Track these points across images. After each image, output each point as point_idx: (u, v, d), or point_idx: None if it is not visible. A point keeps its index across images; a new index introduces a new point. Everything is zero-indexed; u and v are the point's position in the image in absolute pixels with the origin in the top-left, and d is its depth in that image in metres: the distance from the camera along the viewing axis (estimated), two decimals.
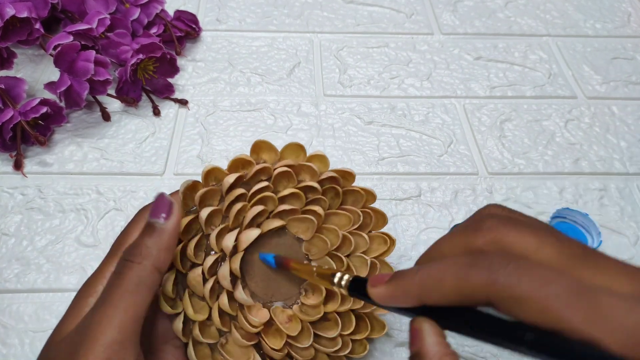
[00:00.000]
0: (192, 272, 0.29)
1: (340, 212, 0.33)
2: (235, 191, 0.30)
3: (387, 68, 0.55)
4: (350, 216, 0.33)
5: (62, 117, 0.46)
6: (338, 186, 0.33)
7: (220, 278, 0.29)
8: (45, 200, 0.42)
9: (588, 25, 0.62)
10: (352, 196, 0.34)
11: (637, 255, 0.42)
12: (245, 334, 0.30)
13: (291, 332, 0.30)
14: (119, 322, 0.24)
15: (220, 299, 0.29)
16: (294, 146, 0.33)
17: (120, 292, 0.25)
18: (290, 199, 0.32)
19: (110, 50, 0.49)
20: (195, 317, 0.28)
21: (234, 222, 0.30)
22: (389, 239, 0.34)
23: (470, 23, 0.61)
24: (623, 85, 0.55)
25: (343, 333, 0.31)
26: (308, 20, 0.60)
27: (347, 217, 0.33)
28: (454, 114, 0.51)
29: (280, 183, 0.32)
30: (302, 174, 0.32)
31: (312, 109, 0.51)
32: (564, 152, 0.49)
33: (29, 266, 0.39)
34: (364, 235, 0.33)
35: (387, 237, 0.34)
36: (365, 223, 0.34)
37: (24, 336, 0.35)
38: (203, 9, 0.60)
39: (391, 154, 0.47)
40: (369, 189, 0.34)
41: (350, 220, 0.33)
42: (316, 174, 0.32)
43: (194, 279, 0.29)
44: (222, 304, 0.29)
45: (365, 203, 0.34)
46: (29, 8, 0.44)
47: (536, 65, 0.57)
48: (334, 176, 0.32)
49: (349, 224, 0.33)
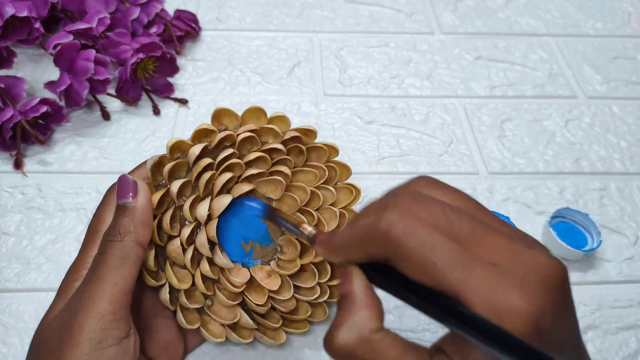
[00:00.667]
0: (170, 244, 0.30)
1: (306, 169, 0.35)
2: (202, 161, 0.31)
3: (388, 68, 0.55)
4: (316, 172, 0.35)
5: (62, 117, 0.46)
6: (301, 144, 0.35)
7: (198, 246, 0.30)
8: (45, 199, 0.42)
9: (588, 25, 0.62)
10: (315, 152, 0.36)
11: (637, 255, 0.42)
12: (229, 294, 0.31)
13: (272, 286, 0.32)
14: (109, 294, 0.25)
15: (202, 266, 0.31)
16: (254, 110, 0.34)
17: (107, 267, 0.26)
18: (257, 162, 0.33)
19: (110, 49, 0.49)
20: (180, 285, 0.30)
21: (205, 191, 0.31)
22: (354, 189, 0.36)
23: (471, 22, 0.61)
24: (623, 85, 0.55)
25: (320, 281, 0.34)
26: (308, 19, 0.60)
27: (313, 173, 0.35)
28: (454, 113, 0.51)
29: (245, 147, 0.33)
30: (265, 136, 0.34)
31: (312, 109, 0.51)
32: (564, 152, 0.49)
33: (29, 265, 0.39)
34: (330, 188, 0.35)
35: (352, 187, 0.36)
36: (331, 176, 0.36)
37: (24, 335, 0.35)
38: (203, 9, 0.60)
39: (391, 154, 0.47)
40: (331, 144, 0.36)
41: (317, 176, 0.35)
42: (279, 135, 0.34)
43: (173, 251, 0.30)
44: (204, 270, 0.30)
45: (329, 157, 0.36)
46: (28, 7, 0.44)
47: (536, 65, 0.57)
48: (297, 135, 0.34)
49: (315, 180, 0.35)
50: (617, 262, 0.41)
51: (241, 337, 0.32)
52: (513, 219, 0.43)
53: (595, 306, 0.39)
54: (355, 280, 0.23)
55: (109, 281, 0.25)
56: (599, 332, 0.38)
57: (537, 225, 0.43)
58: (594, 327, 0.38)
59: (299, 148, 0.35)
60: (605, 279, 0.40)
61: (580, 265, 0.41)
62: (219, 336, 0.31)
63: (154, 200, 0.29)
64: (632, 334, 0.38)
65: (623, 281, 0.40)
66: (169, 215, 0.30)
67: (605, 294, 0.40)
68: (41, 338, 0.26)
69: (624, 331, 0.38)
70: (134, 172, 0.31)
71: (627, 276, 0.41)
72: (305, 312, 0.34)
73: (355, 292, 0.22)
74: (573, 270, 0.41)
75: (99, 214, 0.29)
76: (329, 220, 0.35)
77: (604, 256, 0.42)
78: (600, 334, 0.38)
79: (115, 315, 0.25)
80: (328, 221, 0.35)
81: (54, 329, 0.25)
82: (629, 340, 0.37)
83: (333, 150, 0.36)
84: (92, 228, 0.29)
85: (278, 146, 0.33)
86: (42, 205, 0.42)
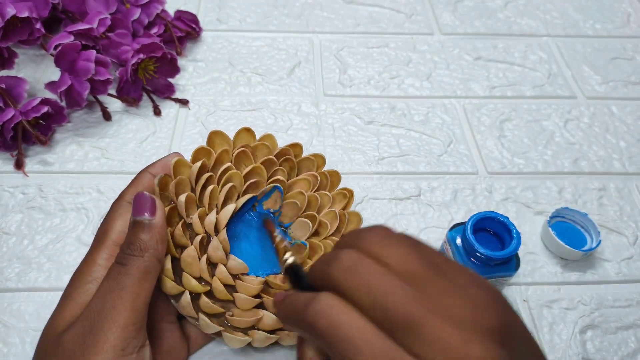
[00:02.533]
0: (184, 253, 0.31)
1: (299, 178, 0.37)
2: (204, 176, 0.33)
3: (387, 68, 0.55)
4: (309, 179, 0.37)
5: (63, 117, 0.46)
6: (292, 157, 0.37)
7: (211, 251, 0.31)
8: (46, 199, 0.42)
9: (588, 25, 0.62)
10: (305, 164, 0.38)
11: (636, 254, 0.42)
12: (248, 298, 0.31)
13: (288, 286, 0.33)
14: (132, 306, 0.26)
15: (218, 272, 0.31)
16: (243, 132, 0.37)
17: (131, 280, 0.27)
18: (253, 175, 0.35)
19: (111, 50, 0.49)
20: (202, 288, 0.30)
21: (210, 205, 0.33)
22: (347, 192, 0.38)
23: (470, 23, 0.61)
24: (622, 86, 0.55)
25: None
26: (308, 20, 0.60)
27: (306, 180, 0.37)
28: (454, 113, 0.51)
29: (241, 165, 0.35)
30: (257, 153, 0.36)
31: (312, 109, 0.51)
32: (564, 152, 0.49)
33: (30, 265, 0.39)
34: (326, 193, 0.37)
35: (345, 191, 0.38)
36: (323, 184, 0.37)
37: (25, 335, 0.35)
38: (203, 9, 0.60)
39: (391, 154, 0.48)
40: (318, 154, 0.37)
41: (310, 183, 0.37)
42: (271, 150, 0.36)
43: (188, 256, 0.30)
44: (220, 275, 0.31)
45: (317, 168, 0.38)
46: (29, 8, 0.44)
47: (536, 65, 0.57)
48: (286, 149, 0.36)
49: (309, 187, 0.36)
50: (616, 261, 0.42)
51: (263, 339, 0.31)
52: (512, 218, 0.43)
53: (594, 306, 0.39)
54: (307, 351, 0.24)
55: (133, 293, 0.26)
56: (598, 332, 0.38)
57: (536, 225, 0.43)
58: (593, 326, 0.38)
59: (290, 161, 0.37)
60: (604, 279, 0.41)
61: (579, 265, 0.41)
62: (242, 341, 0.31)
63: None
64: (631, 334, 0.38)
65: (622, 281, 0.41)
66: (180, 228, 0.31)
67: (604, 294, 0.40)
68: (59, 343, 0.26)
69: (623, 331, 0.38)
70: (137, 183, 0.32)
71: (626, 276, 0.41)
72: None
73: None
74: (572, 270, 0.41)
75: (109, 220, 0.30)
76: (331, 220, 0.36)
77: (603, 256, 0.42)
78: (600, 333, 0.38)
79: (136, 325, 0.26)
80: (330, 221, 0.36)
81: (75, 335, 0.26)
82: (628, 339, 0.37)
83: (320, 159, 0.38)
84: (102, 232, 0.30)
85: (272, 157, 0.36)
86: (43, 205, 0.42)
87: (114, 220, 0.30)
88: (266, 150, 0.36)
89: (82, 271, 0.29)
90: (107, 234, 0.30)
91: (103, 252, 0.29)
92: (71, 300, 0.28)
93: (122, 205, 0.31)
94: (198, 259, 0.31)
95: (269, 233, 0.33)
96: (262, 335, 0.31)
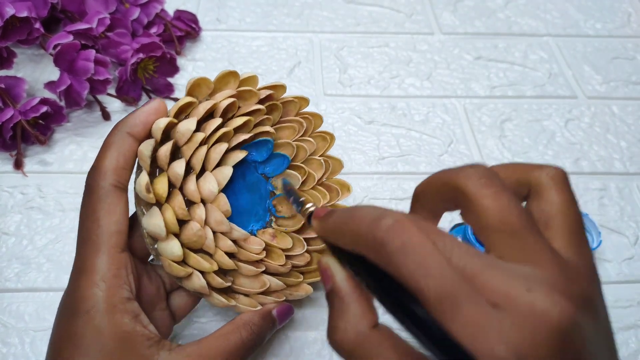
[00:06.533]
0: (188, 229, 0.29)
1: (284, 125, 0.36)
2: (195, 136, 0.30)
3: (387, 68, 0.55)
4: (295, 126, 0.36)
5: (62, 117, 0.46)
6: (275, 100, 0.35)
7: (215, 224, 0.30)
8: (45, 199, 0.42)
9: (588, 25, 0.62)
10: (287, 106, 0.37)
11: (636, 255, 0.42)
12: (253, 264, 0.32)
13: (285, 245, 0.34)
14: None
15: (221, 243, 0.31)
16: (226, 75, 0.33)
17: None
18: (241, 127, 0.34)
19: (110, 49, 0.49)
20: (212, 267, 0.30)
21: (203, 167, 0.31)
22: (327, 135, 0.38)
23: (471, 23, 0.61)
24: (623, 85, 0.55)
25: None
26: (308, 20, 0.60)
27: (292, 127, 0.36)
28: (454, 113, 0.51)
29: (227, 113, 0.33)
30: (241, 99, 0.34)
31: (313, 109, 0.51)
32: (564, 152, 0.49)
33: (29, 265, 0.39)
34: (309, 139, 0.37)
35: (325, 134, 0.38)
36: (307, 128, 0.37)
37: (24, 335, 0.35)
38: (203, 9, 0.60)
39: (391, 154, 0.47)
40: (301, 96, 0.37)
41: (295, 129, 0.36)
42: (257, 95, 0.34)
43: (194, 235, 0.29)
44: (224, 246, 0.31)
45: (299, 108, 0.37)
46: (28, 7, 0.44)
47: (536, 65, 0.57)
48: (270, 93, 0.35)
49: (295, 134, 0.36)
50: (617, 262, 0.41)
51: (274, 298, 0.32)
52: None
53: None
54: (336, 274, 0.22)
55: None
56: None
57: None
58: None
59: (274, 104, 0.35)
60: (605, 279, 0.40)
61: None
62: (253, 306, 0.32)
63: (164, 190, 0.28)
64: (632, 334, 0.38)
65: (623, 281, 0.41)
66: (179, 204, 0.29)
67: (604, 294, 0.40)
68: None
69: (624, 331, 0.38)
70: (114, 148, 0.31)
71: (627, 276, 0.41)
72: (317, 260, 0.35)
73: (341, 288, 0.22)
74: None
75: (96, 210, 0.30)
76: (317, 169, 0.37)
77: (604, 256, 0.42)
78: None
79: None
80: (316, 170, 0.37)
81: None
82: (628, 340, 0.37)
83: (303, 101, 0.37)
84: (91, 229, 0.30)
85: (259, 107, 0.34)
86: (42, 205, 0.42)
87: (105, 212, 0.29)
88: (254, 97, 0.34)
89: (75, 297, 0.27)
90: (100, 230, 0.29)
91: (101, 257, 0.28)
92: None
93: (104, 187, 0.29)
94: (205, 237, 0.30)
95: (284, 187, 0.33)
96: (271, 299, 0.32)
